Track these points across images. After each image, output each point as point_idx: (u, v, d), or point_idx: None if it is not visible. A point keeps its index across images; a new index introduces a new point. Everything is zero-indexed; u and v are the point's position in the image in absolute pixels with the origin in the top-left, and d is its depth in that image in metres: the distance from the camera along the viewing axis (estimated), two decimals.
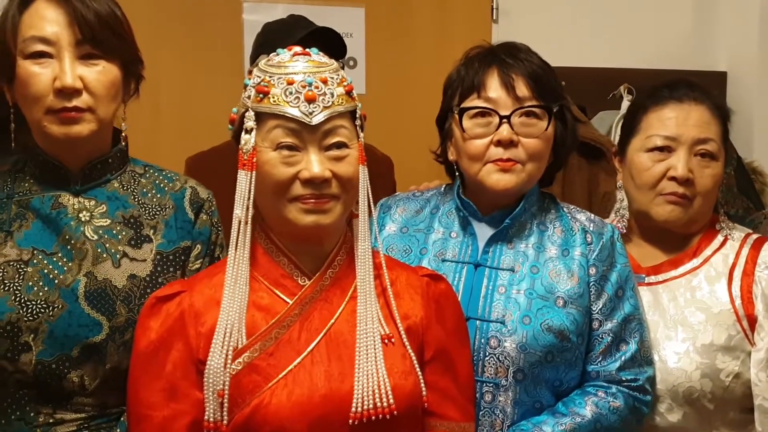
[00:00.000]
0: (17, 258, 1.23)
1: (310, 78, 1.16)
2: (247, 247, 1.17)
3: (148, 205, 1.34)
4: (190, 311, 1.17)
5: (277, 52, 1.21)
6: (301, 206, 1.16)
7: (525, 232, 1.46)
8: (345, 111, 1.18)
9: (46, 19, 1.23)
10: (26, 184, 1.29)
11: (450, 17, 2.64)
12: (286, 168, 1.15)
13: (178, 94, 2.41)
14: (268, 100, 1.16)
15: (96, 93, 1.23)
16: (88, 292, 1.23)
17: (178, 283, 1.23)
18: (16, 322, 1.20)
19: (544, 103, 1.42)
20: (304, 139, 1.15)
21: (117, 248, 1.28)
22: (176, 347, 1.16)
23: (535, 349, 1.35)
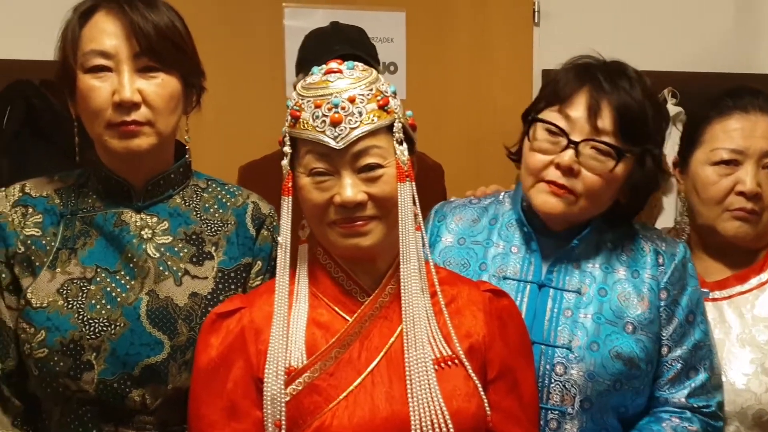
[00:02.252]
0: (81, 276, 1.22)
1: (336, 99, 1.11)
2: (302, 267, 1.14)
3: (210, 221, 1.31)
4: (251, 328, 1.15)
5: (312, 72, 1.18)
6: (339, 230, 1.14)
7: (592, 251, 1.37)
8: (377, 128, 1.12)
9: (105, 32, 1.21)
10: (90, 200, 1.27)
11: (490, 21, 2.60)
12: (320, 193, 1.13)
13: (218, 99, 2.37)
14: (299, 125, 1.13)
15: (155, 106, 1.21)
16: (150, 310, 1.21)
17: (237, 299, 1.21)
18: (79, 340, 1.18)
19: (622, 143, 1.29)
20: (335, 163, 1.12)
21: (179, 266, 1.26)
22: (237, 365, 1.14)
23: (603, 377, 1.29)
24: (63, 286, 1.21)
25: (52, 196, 1.27)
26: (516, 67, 2.61)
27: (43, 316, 1.19)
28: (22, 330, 1.20)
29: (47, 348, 1.18)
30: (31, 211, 1.25)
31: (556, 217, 1.35)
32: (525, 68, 2.63)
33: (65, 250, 1.23)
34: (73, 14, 1.25)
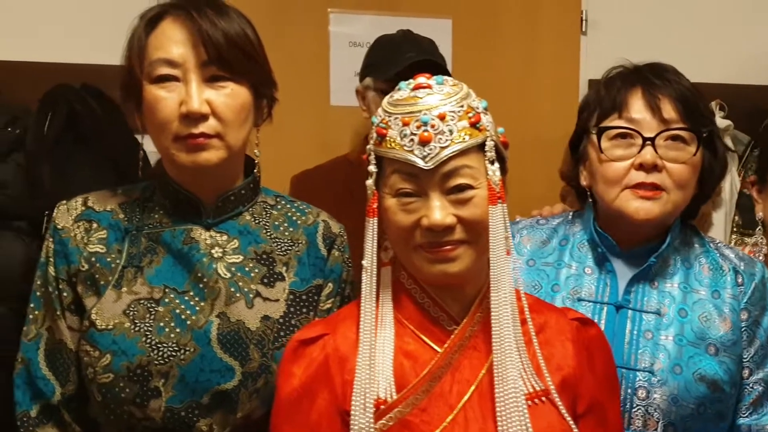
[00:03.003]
0: (148, 296, 1.15)
1: (425, 116, 1.05)
2: (387, 293, 1.09)
3: (280, 240, 1.25)
4: (335, 356, 1.09)
5: (399, 87, 1.11)
6: (426, 255, 1.07)
7: (669, 270, 1.35)
8: (468, 147, 1.06)
9: (172, 40, 1.15)
10: (156, 216, 1.21)
11: (538, 29, 2.55)
12: (406, 215, 1.06)
13: None
14: (385, 143, 1.07)
15: (224, 118, 1.15)
16: (221, 334, 1.15)
17: (320, 325, 1.14)
18: (147, 365, 1.12)
19: (692, 126, 1.31)
20: (423, 184, 1.05)
21: (250, 287, 1.19)
22: (321, 396, 1.08)
23: (687, 401, 1.26)
24: (129, 307, 1.14)
25: (116, 210, 1.21)
26: (563, 76, 2.56)
27: (109, 338, 1.12)
28: (85, 353, 1.14)
29: (113, 373, 1.12)
30: (95, 227, 1.19)
31: (651, 223, 1.32)
32: (572, 77, 2.57)
33: (131, 268, 1.17)
34: (139, 21, 1.19)
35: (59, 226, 1.19)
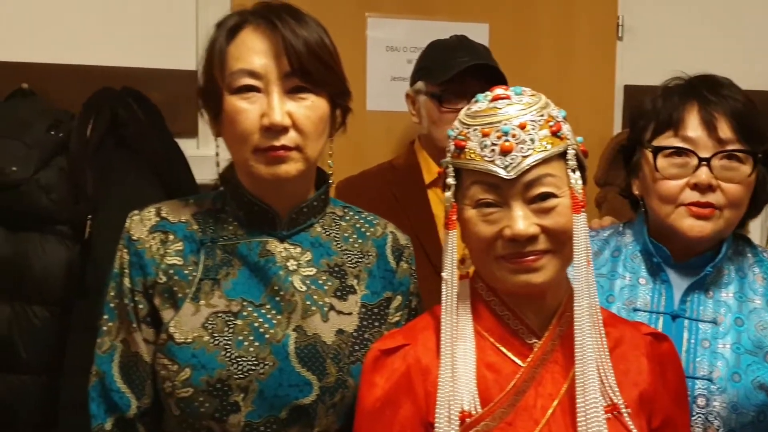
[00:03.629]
0: (226, 309, 1.15)
1: (506, 126, 1.06)
2: (466, 304, 1.10)
3: (350, 252, 1.25)
4: (417, 367, 1.10)
5: (476, 99, 1.13)
6: (508, 266, 1.08)
7: (723, 279, 1.38)
8: (550, 156, 1.07)
9: (254, 51, 1.15)
10: (230, 227, 1.21)
11: (574, 34, 2.55)
12: (488, 226, 1.07)
13: None
14: (464, 155, 1.09)
15: (304, 130, 1.15)
16: (299, 348, 1.15)
17: (399, 335, 1.15)
18: (227, 379, 1.12)
19: (748, 146, 1.33)
20: (505, 194, 1.07)
21: (324, 300, 1.20)
22: (404, 406, 1.09)
23: (746, 408, 1.29)
24: (208, 320, 1.14)
25: (190, 221, 1.21)
26: (598, 81, 2.56)
27: (188, 352, 1.13)
28: (163, 366, 1.14)
29: (192, 387, 1.12)
30: (171, 238, 1.18)
31: (704, 240, 1.35)
32: (607, 83, 2.58)
33: (208, 280, 1.17)
34: (218, 31, 1.19)
35: (134, 237, 1.18)
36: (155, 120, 2.00)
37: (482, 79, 1.81)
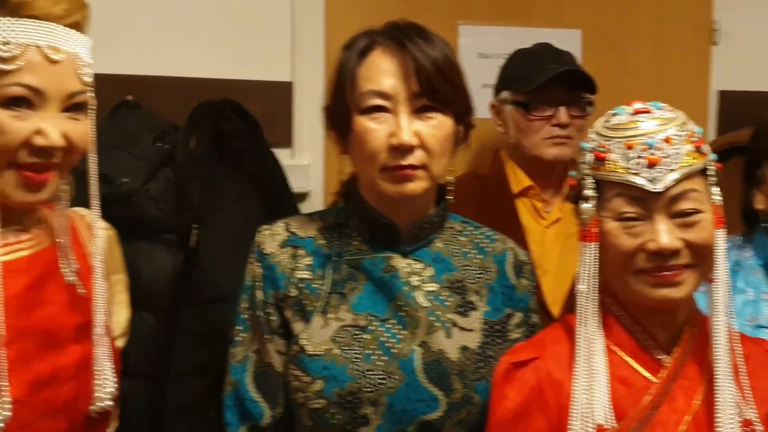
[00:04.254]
0: (353, 323, 1.20)
1: (651, 139, 1.09)
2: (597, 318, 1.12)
3: (470, 268, 1.28)
4: (548, 380, 1.13)
5: (615, 112, 1.15)
6: (648, 279, 1.10)
7: None
8: (693, 171, 1.10)
9: (384, 72, 1.19)
10: (355, 243, 1.25)
11: (668, 39, 2.52)
12: (630, 239, 1.10)
13: None
14: (606, 167, 1.11)
15: (431, 149, 1.19)
16: (425, 364, 1.19)
17: (528, 348, 1.19)
18: (357, 392, 1.16)
19: None
20: (649, 207, 1.09)
21: (446, 316, 1.23)
22: (536, 419, 1.12)
23: None
24: (337, 334, 1.19)
25: (317, 236, 1.26)
26: (693, 87, 2.53)
27: (319, 364, 1.17)
28: (295, 377, 1.19)
29: (324, 399, 1.16)
30: (301, 253, 1.24)
31: None
32: (702, 89, 2.55)
33: (335, 294, 1.21)
34: (347, 52, 1.24)
35: (266, 252, 1.24)
36: (254, 131, 2.06)
37: (569, 86, 1.82)
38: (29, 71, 0.99)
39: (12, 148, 1.00)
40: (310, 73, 2.21)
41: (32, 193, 1.03)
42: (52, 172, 1.03)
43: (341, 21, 2.26)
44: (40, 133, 1.00)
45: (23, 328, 1.03)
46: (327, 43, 2.24)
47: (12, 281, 1.03)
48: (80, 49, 1.05)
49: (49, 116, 1.01)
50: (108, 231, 1.26)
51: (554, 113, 1.85)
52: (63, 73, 1.02)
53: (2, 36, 0.98)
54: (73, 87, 1.03)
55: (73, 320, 1.07)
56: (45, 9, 1.00)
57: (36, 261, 1.08)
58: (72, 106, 1.04)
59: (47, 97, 1.01)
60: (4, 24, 0.99)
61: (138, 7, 2.08)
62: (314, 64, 2.22)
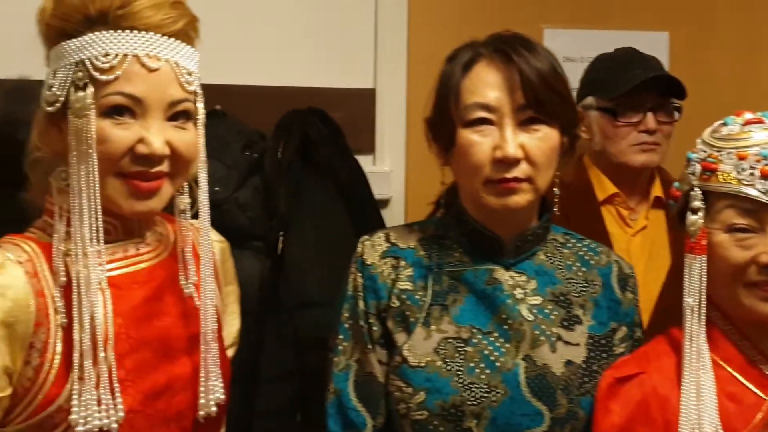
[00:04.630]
0: (456, 335, 1.21)
1: (765, 150, 1.08)
2: (703, 333, 1.11)
3: (574, 281, 1.28)
4: (654, 396, 1.13)
5: (725, 122, 1.14)
6: (759, 293, 1.09)
7: None
8: None
9: (489, 84, 1.19)
10: (456, 254, 1.26)
11: (757, 41, 2.46)
12: (741, 251, 1.09)
13: None
14: (716, 178, 1.10)
15: (536, 162, 1.19)
16: (529, 378, 1.19)
17: (632, 362, 1.18)
18: (460, 405, 1.17)
19: None
20: (762, 219, 1.09)
21: (551, 330, 1.23)
22: None
23: None
24: (439, 346, 1.20)
25: (417, 247, 1.27)
26: None
27: (422, 376, 1.19)
28: (397, 388, 1.21)
29: (427, 411, 1.17)
30: (402, 264, 1.25)
31: None
32: None
33: (437, 306, 1.22)
34: (450, 65, 1.25)
35: (367, 262, 1.26)
36: (338, 139, 2.10)
37: (656, 91, 1.80)
38: (128, 80, 1.02)
39: (116, 157, 1.02)
40: (392, 80, 2.25)
41: (142, 201, 1.05)
42: (161, 181, 1.05)
43: (424, 28, 2.28)
44: (143, 141, 1.02)
45: (141, 338, 1.06)
46: (410, 51, 2.26)
47: (132, 292, 1.07)
48: (181, 57, 1.05)
49: (152, 125, 1.03)
50: (221, 243, 1.29)
51: (642, 119, 1.82)
52: (163, 81, 1.03)
53: (103, 48, 1.01)
54: (174, 95, 1.04)
55: (188, 331, 1.10)
56: (144, 20, 1.03)
57: (155, 273, 1.11)
58: (176, 115, 1.05)
59: (148, 106, 1.02)
60: (104, 37, 1.02)
61: (224, 18, 2.13)
62: (397, 72, 2.25)
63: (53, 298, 1.02)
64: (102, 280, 1.02)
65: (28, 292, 1.00)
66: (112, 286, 1.05)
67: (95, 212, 1.01)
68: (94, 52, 1.01)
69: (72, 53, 1.03)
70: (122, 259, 1.09)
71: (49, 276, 1.02)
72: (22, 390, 1.00)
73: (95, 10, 1.02)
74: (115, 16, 1.02)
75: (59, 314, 1.01)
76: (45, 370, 1.00)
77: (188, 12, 1.09)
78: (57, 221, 1.04)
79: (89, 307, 1.00)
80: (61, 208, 1.04)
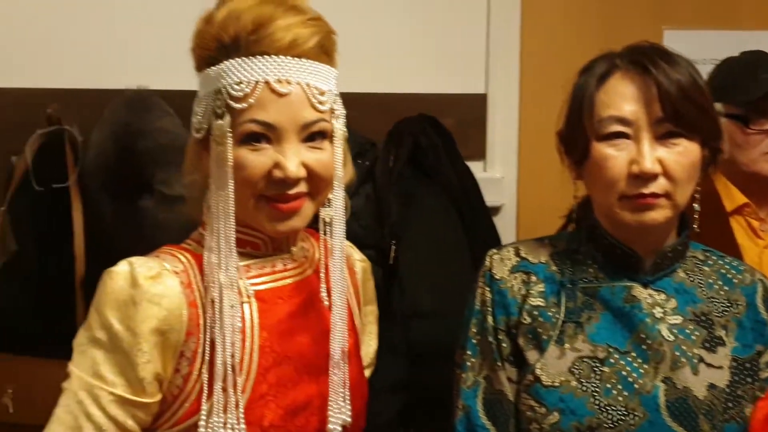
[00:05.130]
0: (591, 354, 1.18)
1: None
2: None
3: (716, 300, 1.23)
4: None
5: None
6: None
7: None
8: None
9: (625, 97, 1.17)
10: (590, 270, 1.23)
11: None
12: None
13: None
14: None
15: (675, 177, 1.15)
16: (669, 401, 1.15)
17: None
18: (596, 428, 1.15)
19: None
20: None
21: (692, 351, 1.19)
22: None
23: None
24: (574, 365, 1.18)
25: (549, 262, 1.25)
26: None
27: (556, 396, 1.17)
28: (529, 407, 1.19)
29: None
30: (533, 279, 1.23)
31: None
32: None
33: (570, 323, 1.20)
34: (584, 77, 1.22)
35: (496, 276, 1.25)
36: (449, 145, 2.09)
37: None
38: (260, 107, 1.03)
39: (254, 182, 1.05)
40: (504, 84, 2.23)
41: (283, 221, 1.07)
42: (301, 201, 1.07)
43: (537, 30, 2.24)
44: (278, 165, 1.04)
45: (284, 353, 1.08)
46: (522, 54, 2.23)
47: (277, 307, 1.10)
48: (312, 77, 1.06)
49: (287, 148, 1.04)
50: (363, 263, 1.31)
51: None
52: (294, 105, 1.04)
53: (236, 76, 1.03)
54: (306, 117, 1.05)
55: (328, 349, 1.11)
56: (276, 43, 1.04)
57: (299, 289, 1.13)
58: (312, 135, 1.07)
59: (282, 130, 1.04)
60: (237, 65, 1.04)
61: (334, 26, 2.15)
62: (509, 76, 2.23)
63: (204, 309, 1.05)
64: (249, 293, 1.06)
65: (182, 302, 1.04)
66: (258, 300, 1.08)
67: (231, 235, 1.04)
68: (228, 80, 1.04)
69: (211, 81, 1.06)
70: (269, 273, 1.12)
71: (202, 287, 1.06)
72: (171, 397, 1.05)
73: (229, 38, 1.05)
74: (247, 42, 1.04)
75: (209, 326, 1.05)
76: (192, 379, 1.05)
77: (323, 27, 1.10)
78: (208, 236, 1.07)
79: (230, 323, 1.03)
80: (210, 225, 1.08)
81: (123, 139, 1.89)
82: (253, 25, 1.04)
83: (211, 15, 1.08)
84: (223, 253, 1.04)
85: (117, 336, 1.02)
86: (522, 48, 2.24)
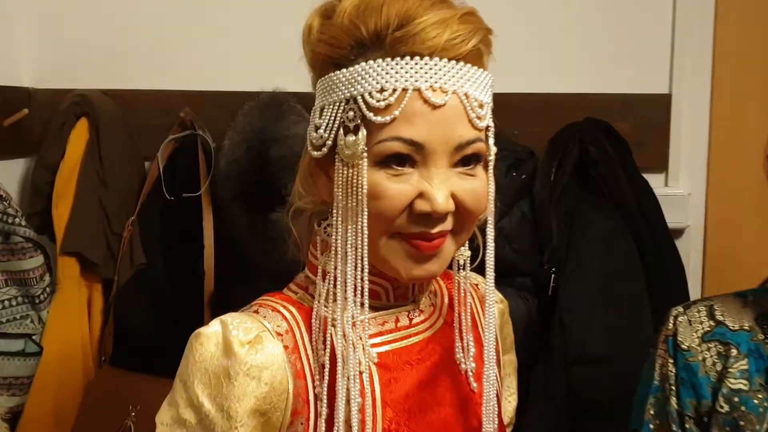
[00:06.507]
0: None
1: None
2: None
3: None
4: None
5: None
6: None
7: None
8: None
9: None
10: None
11: None
12: None
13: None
14: None
15: None
16: None
17: None
18: None
19: None
20: None
21: None
22: None
23: None
24: None
25: (754, 329, 1.03)
26: None
27: None
28: None
29: None
30: (734, 353, 1.01)
31: None
32: None
33: None
34: None
35: (683, 346, 1.04)
36: (623, 155, 1.87)
37: None
38: (407, 122, 0.85)
39: (392, 216, 0.87)
40: (693, 83, 1.98)
41: (420, 265, 0.88)
42: (443, 239, 0.88)
43: (732, 22, 1.97)
44: (423, 196, 0.86)
45: None
46: (716, 49, 1.97)
47: (404, 375, 0.92)
48: (472, 86, 0.87)
49: (435, 175, 0.86)
50: (500, 304, 1.11)
51: None
52: (449, 120, 0.85)
53: (377, 82, 0.85)
54: (463, 136, 0.86)
55: (468, 424, 0.93)
56: (428, 41, 0.85)
57: (429, 348, 0.95)
58: (466, 159, 0.87)
59: (431, 151, 0.86)
60: (379, 67, 0.86)
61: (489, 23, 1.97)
62: (699, 73, 1.98)
63: (314, 380, 0.89)
64: (371, 360, 0.89)
65: (287, 374, 0.88)
66: (380, 367, 0.90)
67: (361, 281, 0.87)
68: (367, 86, 0.86)
69: (341, 88, 0.88)
70: (393, 331, 0.94)
71: (311, 352, 0.90)
72: None
73: (368, 33, 0.87)
74: (392, 39, 0.86)
75: (320, 401, 0.88)
76: None
77: (481, 24, 0.89)
78: (319, 282, 0.91)
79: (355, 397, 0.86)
80: (325, 269, 0.91)
81: (256, 147, 1.82)
82: (399, 19, 0.86)
83: (333, 6, 0.90)
84: (348, 306, 0.87)
85: (208, 417, 0.87)
86: (715, 39, 1.97)
